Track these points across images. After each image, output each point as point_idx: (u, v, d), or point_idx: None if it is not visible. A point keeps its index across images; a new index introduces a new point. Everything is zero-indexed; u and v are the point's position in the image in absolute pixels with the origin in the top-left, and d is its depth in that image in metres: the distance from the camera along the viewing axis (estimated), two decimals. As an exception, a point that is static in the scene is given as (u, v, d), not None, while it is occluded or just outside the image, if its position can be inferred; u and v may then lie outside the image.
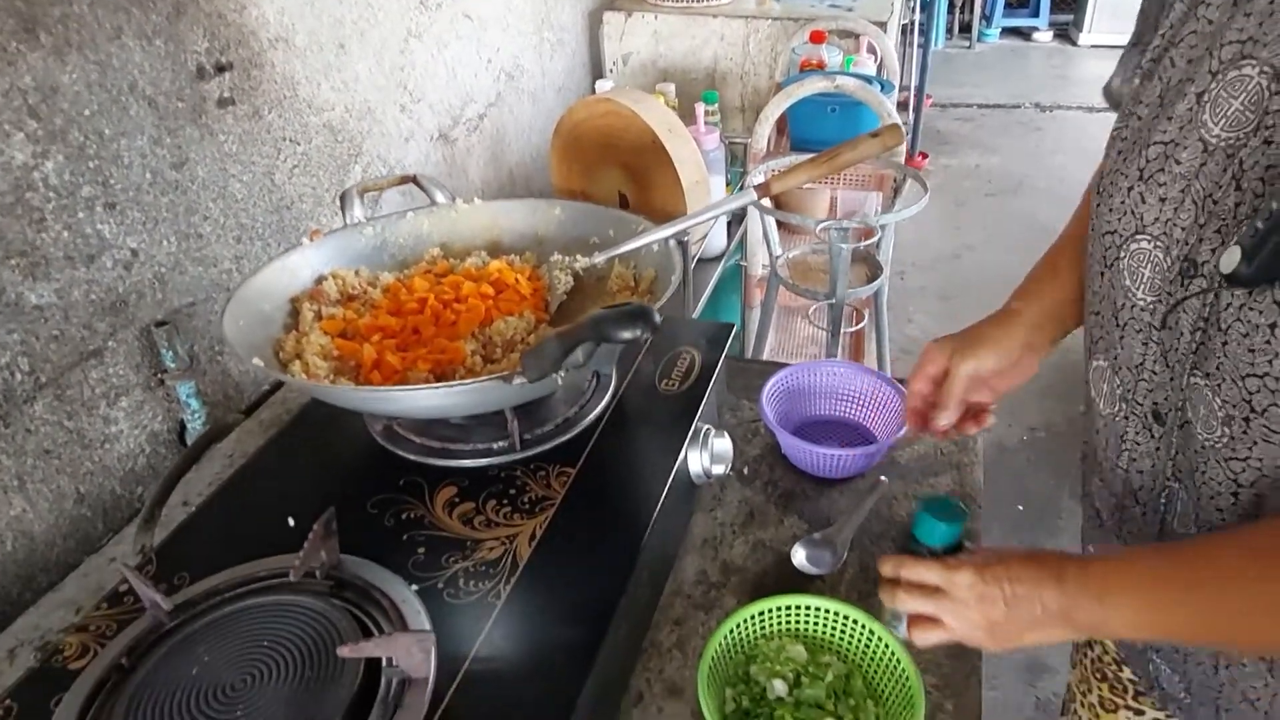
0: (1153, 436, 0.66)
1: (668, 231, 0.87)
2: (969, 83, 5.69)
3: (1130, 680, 0.85)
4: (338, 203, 1.29)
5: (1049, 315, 0.82)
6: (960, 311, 3.27)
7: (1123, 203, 0.64)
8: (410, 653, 0.59)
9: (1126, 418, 0.68)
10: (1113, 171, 0.66)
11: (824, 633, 0.76)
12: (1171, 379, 0.62)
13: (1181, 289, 0.59)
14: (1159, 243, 0.61)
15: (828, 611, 0.75)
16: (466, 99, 1.67)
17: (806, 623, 0.76)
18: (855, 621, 0.73)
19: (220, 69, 1.06)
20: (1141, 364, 0.65)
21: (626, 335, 0.59)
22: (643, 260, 0.93)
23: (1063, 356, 0.87)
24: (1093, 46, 6.39)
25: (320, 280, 0.92)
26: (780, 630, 0.76)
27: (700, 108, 1.63)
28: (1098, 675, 0.90)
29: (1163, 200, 0.60)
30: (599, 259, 0.91)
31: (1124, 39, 6.29)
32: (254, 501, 0.81)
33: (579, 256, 0.92)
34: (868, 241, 1.48)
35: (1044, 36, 6.63)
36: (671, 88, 1.72)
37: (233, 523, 0.79)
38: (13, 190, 0.83)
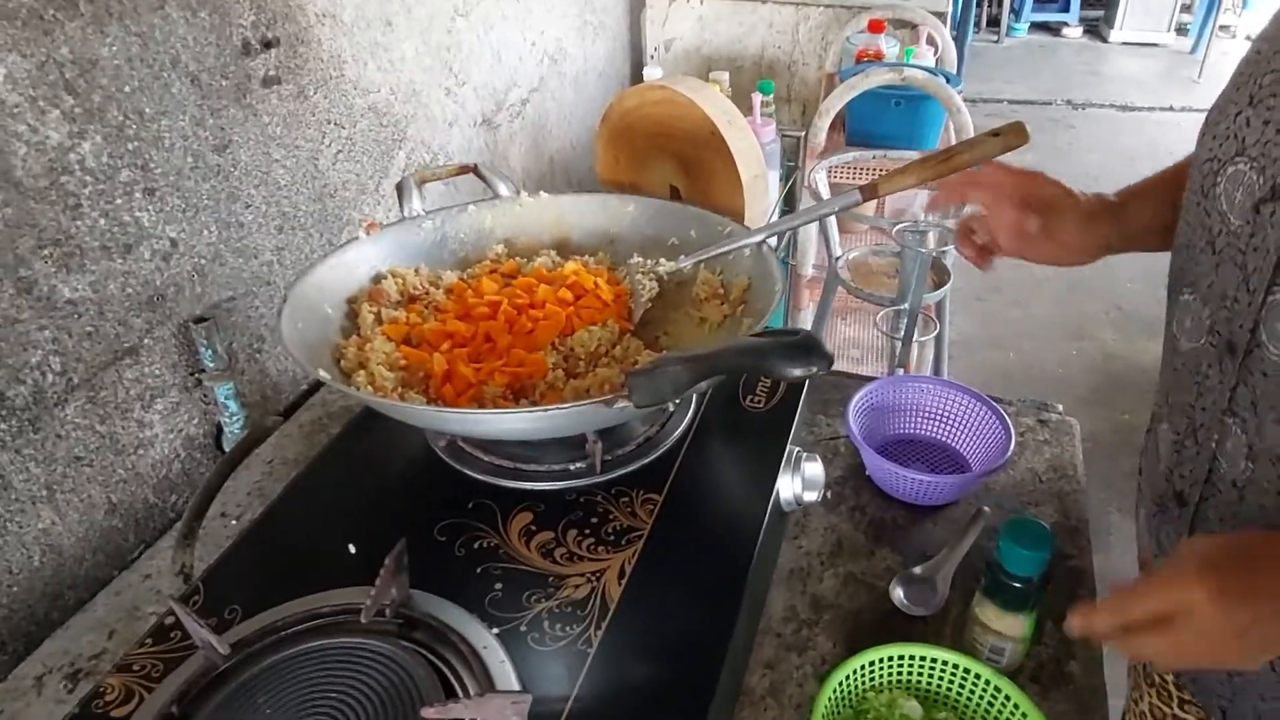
0: (1221, 370, 0.63)
1: (764, 235, 0.79)
2: (998, 78, 5.58)
3: (1175, 684, 0.80)
4: (381, 191, 1.22)
5: (1126, 229, 0.79)
6: (995, 312, 3.18)
7: (1227, 129, 0.62)
8: (504, 716, 0.52)
9: (1202, 352, 0.66)
10: (1224, 101, 0.64)
11: (939, 686, 0.68)
12: (1250, 304, 0.59)
13: (1269, 205, 0.57)
14: (1255, 164, 0.59)
15: (945, 664, 0.68)
16: (510, 83, 1.59)
17: (920, 675, 0.69)
18: (979, 676, 0.66)
19: (266, 45, 0.99)
20: (1224, 292, 0.62)
21: (797, 373, 0.51)
22: (730, 265, 0.85)
23: (1105, 362, 0.81)
24: (1124, 44, 6.28)
25: (379, 279, 0.84)
26: (891, 682, 0.69)
27: (757, 98, 1.54)
28: (1148, 681, 0.85)
29: (1266, 123, 0.58)
30: (685, 263, 0.83)
31: (1156, 36, 6.22)
32: (307, 524, 0.74)
33: (662, 260, 0.84)
34: (944, 247, 1.40)
35: (1074, 32, 6.51)
36: (726, 76, 1.64)
37: (284, 549, 0.71)
38: (47, 173, 0.76)
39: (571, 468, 0.75)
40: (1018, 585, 0.68)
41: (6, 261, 0.74)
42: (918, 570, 0.81)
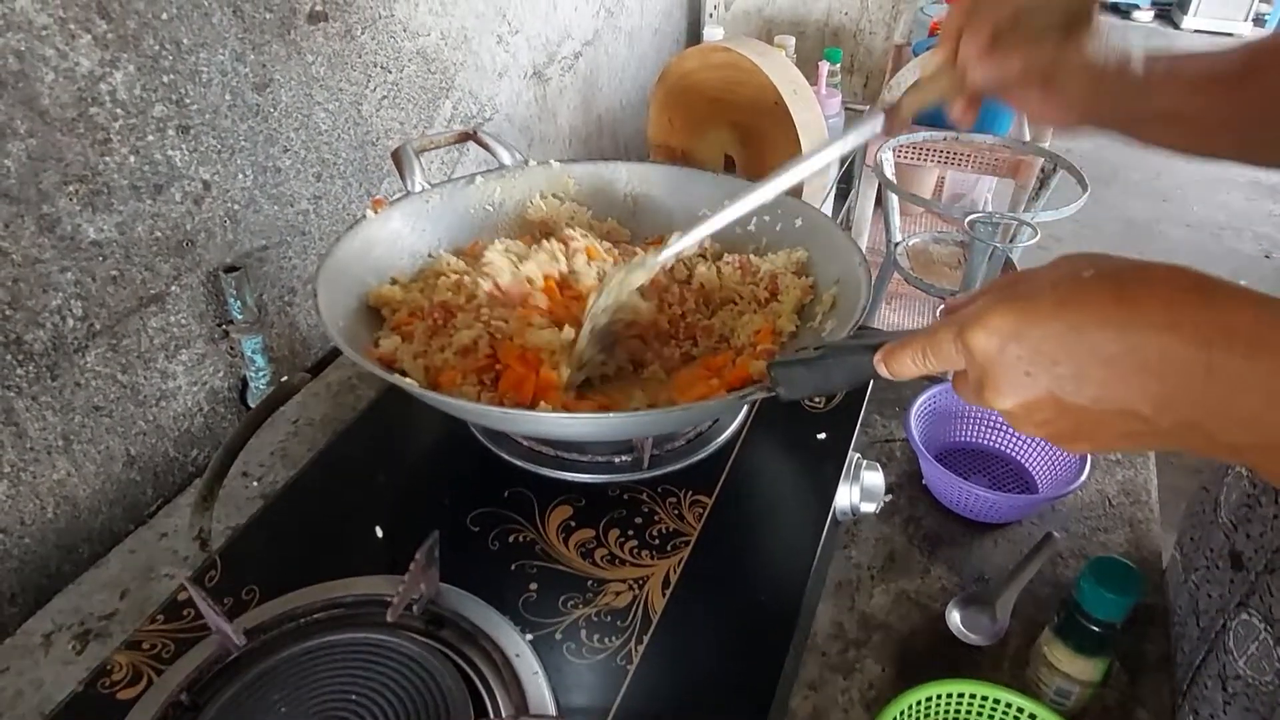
0: None
1: (773, 188, 0.65)
2: (1061, 59, 5.34)
3: None
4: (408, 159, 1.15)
5: (1133, 109, 0.61)
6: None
7: None
8: (537, 742, 0.48)
9: None
10: None
11: (1000, 729, 0.63)
12: None
13: None
14: None
15: (1009, 706, 0.62)
16: (564, 34, 1.51)
17: (980, 714, 0.63)
18: (1046, 725, 0.61)
19: (314, -23, 0.92)
20: None
21: None
22: (777, 239, 0.77)
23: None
24: (1196, 31, 5.99)
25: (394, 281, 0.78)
26: (947, 719, 0.64)
27: (824, 67, 1.45)
28: None
29: None
30: (671, 250, 0.68)
31: (1232, 26, 5.94)
32: (332, 501, 0.69)
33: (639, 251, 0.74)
34: (1028, 242, 1.31)
35: (1144, 16, 6.22)
36: (792, 41, 1.54)
37: (307, 526, 0.67)
38: (75, 103, 0.70)
39: (616, 460, 0.70)
40: (1097, 629, 0.62)
41: (29, 196, 0.69)
42: (975, 594, 0.76)
